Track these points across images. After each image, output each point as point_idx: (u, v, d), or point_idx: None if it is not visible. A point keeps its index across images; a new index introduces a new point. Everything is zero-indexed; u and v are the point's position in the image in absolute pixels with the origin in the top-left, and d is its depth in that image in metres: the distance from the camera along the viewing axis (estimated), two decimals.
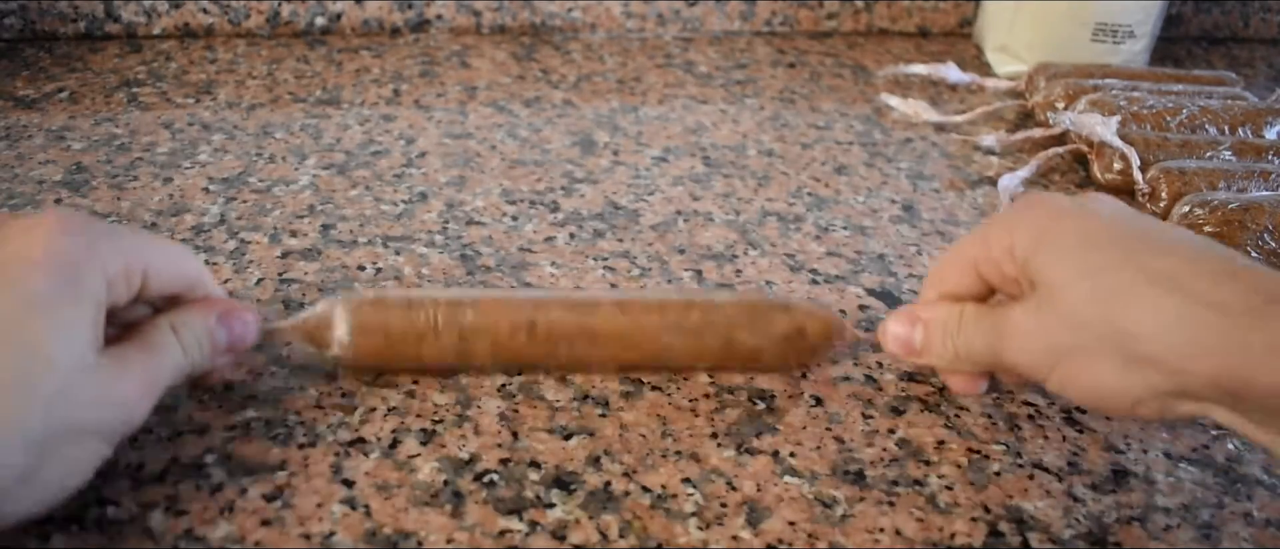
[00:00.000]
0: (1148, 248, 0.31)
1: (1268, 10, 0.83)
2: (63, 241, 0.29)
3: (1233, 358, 0.28)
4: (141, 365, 0.31)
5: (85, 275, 0.29)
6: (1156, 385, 0.30)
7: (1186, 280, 0.29)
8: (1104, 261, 0.31)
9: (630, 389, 0.38)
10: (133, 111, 0.60)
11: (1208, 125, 0.58)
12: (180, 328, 0.33)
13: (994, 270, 0.34)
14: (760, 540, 0.32)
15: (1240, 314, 0.28)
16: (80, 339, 0.28)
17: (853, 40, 0.79)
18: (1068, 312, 0.32)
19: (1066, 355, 0.32)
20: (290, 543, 0.31)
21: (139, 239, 0.32)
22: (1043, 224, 0.33)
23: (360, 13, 0.73)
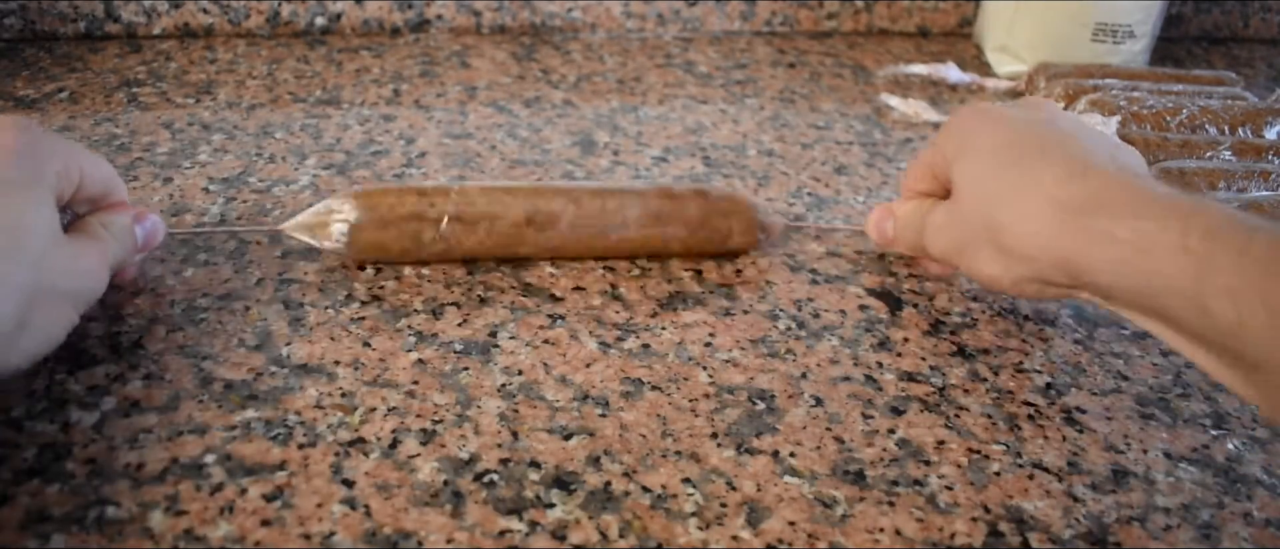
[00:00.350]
0: (1032, 155, 0.37)
1: (1268, 10, 0.83)
2: (24, 136, 0.34)
3: (1064, 248, 0.35)
4: (93, 246, 0.37)
5: (43, 164, 0.34)
6: (1021, 272, 0.37)
7: (1046, 182, 0.35)
8: (995, 168, 0.38)
9: (630, 389, 0.38)
10: (133, 111, 0.60)
11: (1208, 125, 0.58)
12: (108, 225, 0.38)
13: (941, 170, 0.41)
14: (760, 540, 0.32)
15: (1076, 211, 0.34)
16: (48, 214, 0.34)
17: (853, 40, 0.79)
18: (964, 211, 0.39)
19: (965, 247, 0.39)
20: (290, 543, 0.31)
21: (71, 144, 0.38)
22: (963, 133, 0.40)
23: (360, 13, 0.73)
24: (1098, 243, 0.33)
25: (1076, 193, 0.35)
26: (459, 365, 0.39)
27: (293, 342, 0.39)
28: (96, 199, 0.39)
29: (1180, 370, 0.42)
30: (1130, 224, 0.33)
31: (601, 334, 0.41)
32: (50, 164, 0.35)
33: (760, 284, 0.46)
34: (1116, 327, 0.44)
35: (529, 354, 0.40)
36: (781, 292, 0.45)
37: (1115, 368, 0.42)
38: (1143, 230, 0.32)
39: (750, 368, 0.40)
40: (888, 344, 0.42)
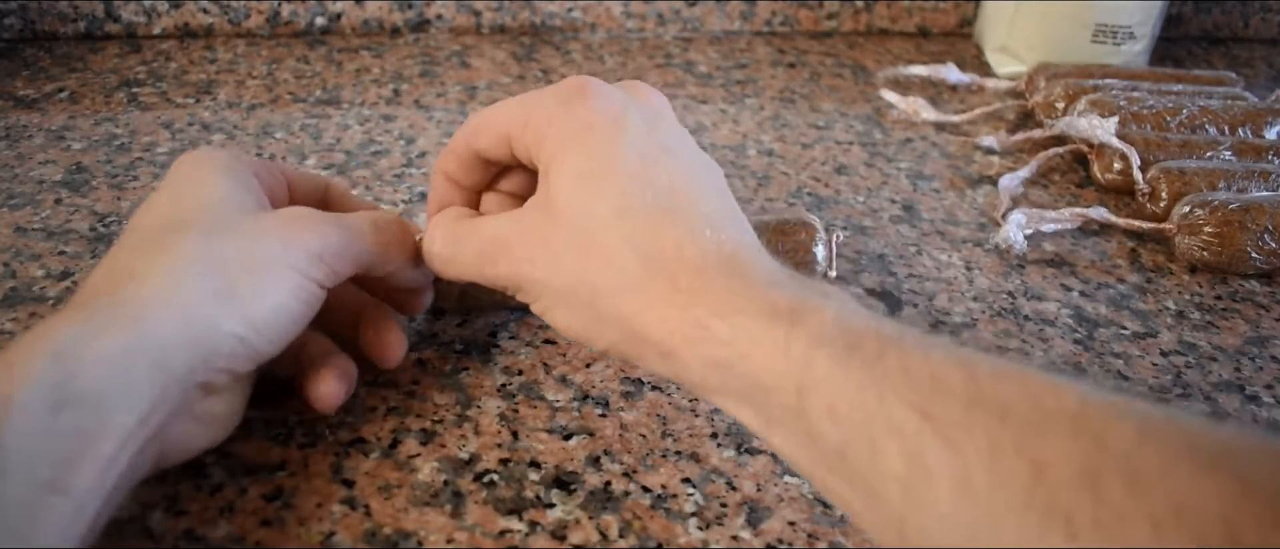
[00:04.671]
0: (640, 206, 0.31)
1: (1268, 10, 0.83)
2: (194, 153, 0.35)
3: (666, 337, 0.29)
4: (316, 215, 0.34)
5: (220, 160, 0.35)
6: (617, 341, 0.31)
7: (650, 249, 0.30)
8: (600, 212, 0.31)
9: (630, 389, 0.38)
10: (133, 111, 0.60)
11: (1208, 125, 0.58)
12: (354, 212, 0.36)
13: (523, 152, 0.34)
14: (760, 540, 0.32)
15: (686, 297, 0.29)
16: (228, 194, 0.33)
17: (853, 40, 0.79)
18: (555, 251, 0.32)
19: (547, 293, 0.32)
20: (290, 543, 0.31)
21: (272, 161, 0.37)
22: (568, 136, 0.32)
23: (360, 13, 0.73)
24: (699, 340, 0.29)
25: (689, 277, 0.29)
26: (459, 365, 0.39)
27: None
28: (329, 207, 0.38)
29: (1180, 371, 0.42)
30: (732, 322, 0.28)
31: None
32: (231, 163, 0.34)
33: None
34: (1117, 327, 0.44)
35: (529, 354, 0.40)
36: None
37: (1115, 368, 0.42)
38: (744, 329, 0.28)
39: None
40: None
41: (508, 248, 0.33)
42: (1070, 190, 0.57)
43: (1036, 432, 0.22)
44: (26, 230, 0.47)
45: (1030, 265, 0.49)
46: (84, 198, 0.50)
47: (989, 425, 0.23)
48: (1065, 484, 0.21)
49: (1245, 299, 0.48)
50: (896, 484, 0.24)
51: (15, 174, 0.52)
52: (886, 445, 0.24)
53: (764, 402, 0.28)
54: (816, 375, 0.26)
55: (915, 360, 0.25)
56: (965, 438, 0.23)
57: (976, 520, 0.22)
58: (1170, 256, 0.50)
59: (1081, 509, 0.21)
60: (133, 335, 0.27)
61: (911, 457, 0.24)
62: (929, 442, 0.23)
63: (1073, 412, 0.23)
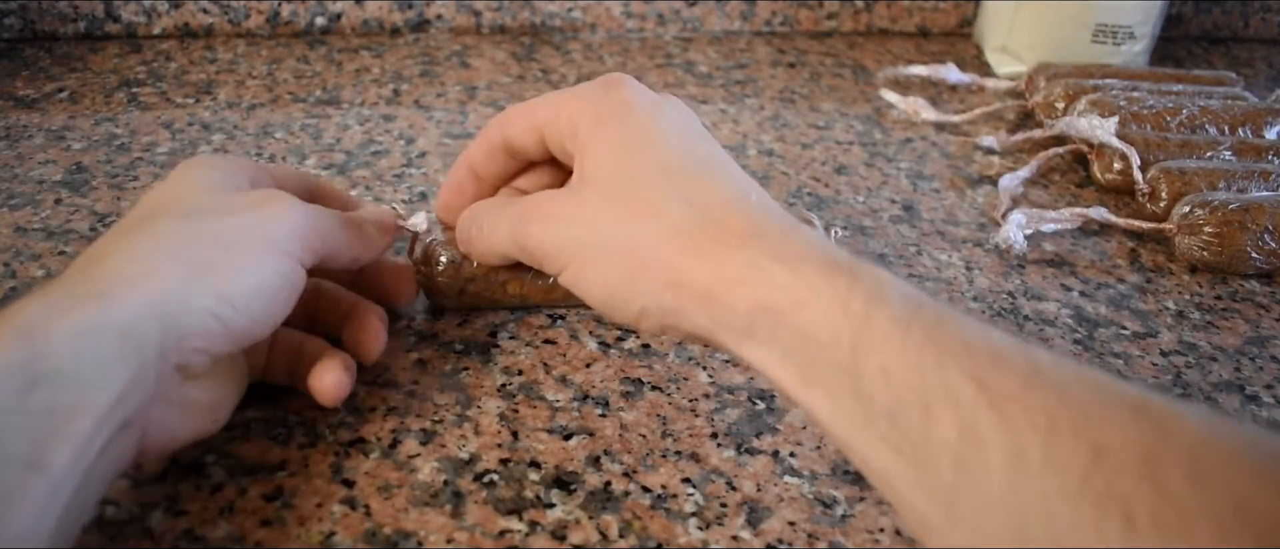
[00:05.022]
0: (696, 166, 0.32)
1: (1268, 10, 0.83)
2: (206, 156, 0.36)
3: (711, 278, 0.29)
4: (296, 200, 0.34)
5: (205, 158, 0.35)
6: (650, 296, 0.30)
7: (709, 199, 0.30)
8: (641, 170, 0.32)
9: (630, 389, 0.38)
10: (133, 111, 0.60)
11: (1208, 125, 0.58)
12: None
13: (557, 142, 0.35)
14: (760, 540, 0.32)
15: (739, 238, 0.29)
16: (208, 182, 0.33)
17: (853, 40, 0.79)
18: (593, 207, 0.32)
19: (582, 250, 0.32)
20: (290, 543, 0.31)
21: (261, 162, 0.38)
22: (604, 113, 0.33)
23: (360, 13, 0.73)
24: (752, 280, 0.28)
25: (741, 220, 0.30)
26: (459, 365, 0.39)
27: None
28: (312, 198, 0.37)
29: (1180, 371, 0.42)
30: (793, 269, 0.28)
31: (601, 334, 0.41)
32: (219, 161, 0.35)
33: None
34: (1117, 327, 0.44)
35: (529, 354, 0.40)
36: None
37: (1115, 368, 0.42)
38: (805, 277, 0.27)
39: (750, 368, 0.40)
40: None
41: (541, 211, 0.34)
42: (1070, 190, 0.57)
43: (1097, 414, 0.22)
44: (26, 230, 0.47)
45: (1030, 265, 0.49)
46: (84, 198, 0.50)
47: (1047, 403, 0.22)
48: (1125, 471, 0.20)
49: (1245, 299, 0.48)
50: (948, 455, 0.23)
51: (15, 174, 0.52)
52: (941, 413, 0.23)
53: (811, 357, 0.27)
54: (875, 334, 0.25)
55: (974, 334, 0.25)
56: (1022, 414, 0.22)
57: (1028, 503, 0.22)
58: (1170, 256, 0.50)
59: (1141, 502, 0.20)
60: (98, 311, 0.27)
61: (966, 427, 0.23)
62: (985, 413, 0.23)
63: (1135, 400, 0.22)
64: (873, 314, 0.26)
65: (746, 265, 0.28)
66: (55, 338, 0.26)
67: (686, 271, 0.29)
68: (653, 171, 0.31)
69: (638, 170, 0.32)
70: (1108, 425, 0.21)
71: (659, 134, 0.33)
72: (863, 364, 0.25)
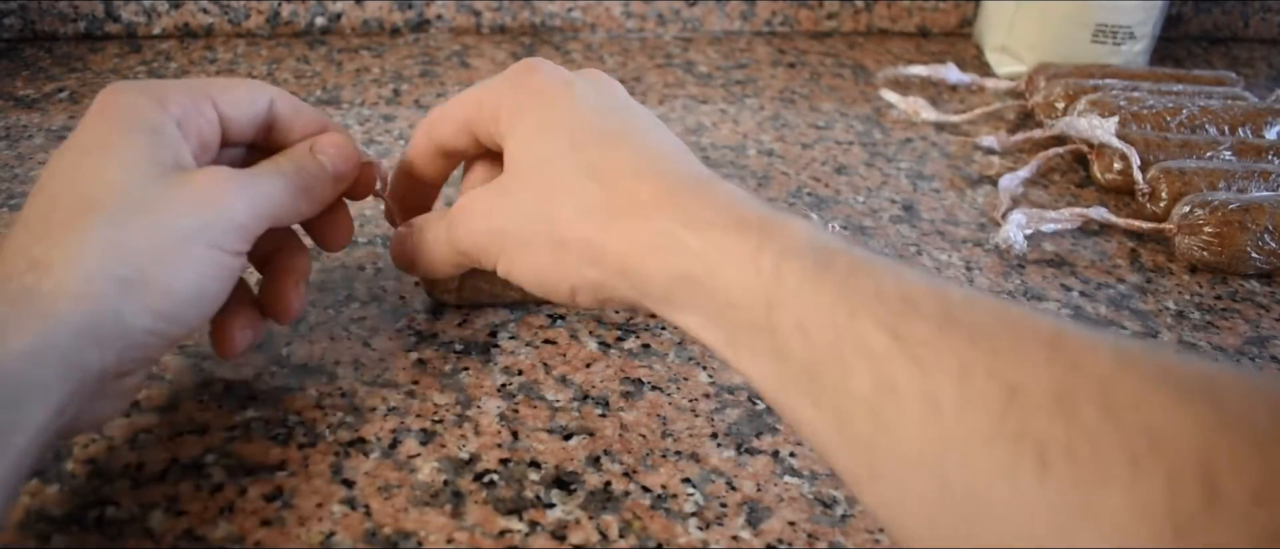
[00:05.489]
0: (610, 140, 0.32)
1: (1268, 10, 0.83)
2: (110, 97, 0.32)
3: (628, 251, 0.29)
4: (236, 179, 0.32)
5: (136, 111, 0.31)
6: (575, 273, 0.31)
7: (622, 172, 0.31)
8: (554, 152, 0.32)
9: (630, 389, 0.38)
10: None
11: (1208, 125, 0.58)
12: (280, 159, 0.34)
13: (485, 134, 0.35)
14: (760, 540, 0.32)
15: (650, 209, 0.29)
16: (140, 159, 0.30)
17: (853, 40, 0.79)
18: (512, 195, 0.33)
19: (507, 239, 0.33)
20: (290, 543, 0.31)
21: (203, 80, 0.35)
22: (519, 101, 0.34)
23: (360, 13, 0.73)
24: (665, 249, 0.28)
25: (650, 189, 0.30)
26: (459, 365, 0.39)
27: (293, 341, 0.39)
28: (270, 129, 0.35)
29: None
30: (702, 234, 0.28)
31: (601, 334, 0.41)
32: (149, 108, 0.32)
33: None
34: (1117, 327, 0.44)
35: (529, 354, 0.40)
36: None
37: None
38: (714, 241, 0.27)
39: None
40: None
41: (470, 209, 0.34)
42: (1070, 190, 0.57)
43: (1009, 355, 0.22)
44: None
45: (1030, 265, 0.49)
46: None
47: (959, 347, 0.22)
48: (1038, 409, 0.21)
49: (1245, 299, 0.48)
50: (864, 408, 0.23)
51: (15, 174, 0.52)
52: (856, 365, 0.23)
53: (731, 320, 0.27)
54: (786, 290, 0.25)
55: (888, 281, 0.25)
56: (934, 359, 0.22)
57: (945, 450, 0.22)
58: (1170, 257, 0.50)
59: (1054, 439, 0.20)
60: (40, 335, 0.27)
61: (880, 378, 0.23)
62: (898, 362, 0.23)
63: (1048, 338, 0.22)
64: (783, 269, 0.26)
65: (658, 235, 0.29)
66: (4, 357, 0.26)
67: (603, 247, 0.30)
68: (565, 150, 0.32)
69: (552, 152, 0.32)
70: (1021, 365, 0.21)
71: (571, 112, 0.33)
72: (779, 321, 0.25)
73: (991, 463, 0.21)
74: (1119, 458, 0.19)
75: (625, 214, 0.30)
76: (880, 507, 0.24)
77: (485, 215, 0.34)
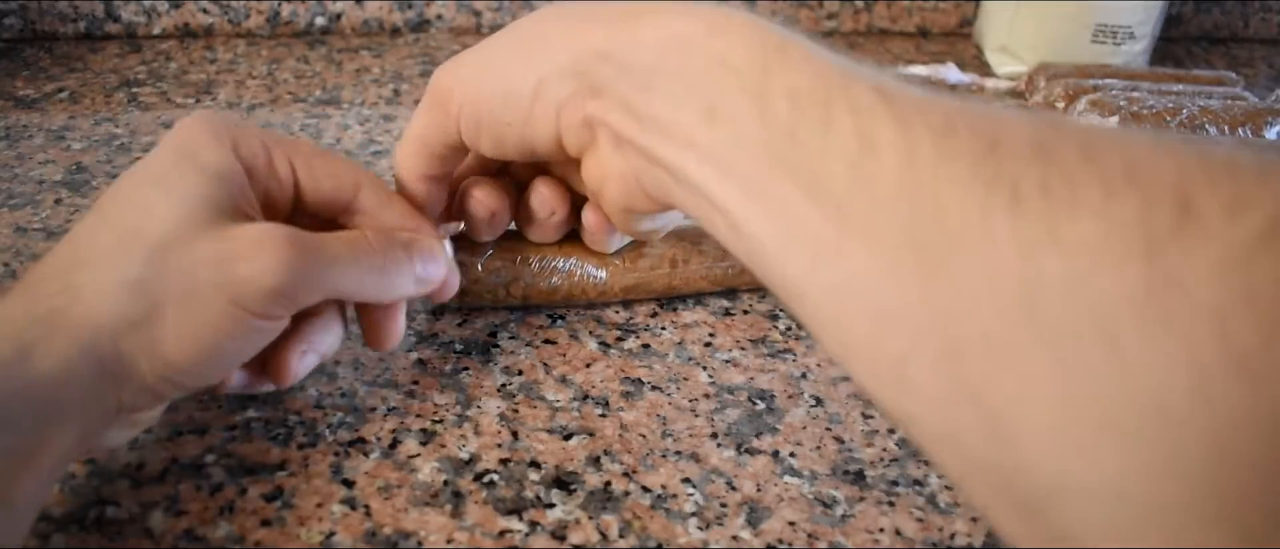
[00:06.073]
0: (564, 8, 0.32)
1: (1268, 10, 0.83)
2: (185, 130, 0.31)
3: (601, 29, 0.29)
4: (290, 242, 0.29)
5: (202, 153, 0.31)
6: (551, 57, 0.30)
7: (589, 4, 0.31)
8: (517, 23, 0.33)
9: (630, 389, 0.38)
10: (133, 111, 0.60)
11: (1208, 125, 0.58)
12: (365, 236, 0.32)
13: (441, 129, 0.35)
14: (760, 540, 0.32)
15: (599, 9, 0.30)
16: (194, 199, 0.29)
17: (853, 40, 0.79)
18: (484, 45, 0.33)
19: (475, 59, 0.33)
20: (290, 543, 0.31)
21: (294, 140, 0.34)
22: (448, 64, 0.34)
23: (360, 13, 0.73)
24: (661, 11, 0.28)
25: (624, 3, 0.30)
26: (459, 365, 0.39)
27: None
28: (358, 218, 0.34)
29: None
30: (705, 6, 0.28)
31: (601, 334, 0.41)
32: (219, 151, 0.31)
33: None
34: None
35: (529, 354, 0.40)
36: None
37: None
38: (721, 10, 0.28)
39: (750, 368, 0.40)
40: None
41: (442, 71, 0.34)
42: None
43: (996, 116, 0.22)
44: (26, 230, 0.47)
45: None
46: (84, 198, 0.50)
47: (946, 109, 0.23)
48: (1017, 155, 0.21)
49: None
50: (843, 162, 0.23)
51: (15, 174, 0.52)
52: (840, 121, 0.24)
53: (721, 85, 0.26)
54: (789, 59, 0.26)
55: (885, 75, 0.25)
56: (919, 118, 0.23)
57: (917, 195, 0.22)
58: None
59: (1030, 176, 0.20)
60: (67, 361, 0.27)
61: (863, 134, 0.23)
62: (882, 120, 0.23)
63: (1036, 115, 0.22)
64: (788, 45, 0.26)
65: (651, 8, 0.28)
66: (22, 385, 0.26)
67: (586, 31, 0.29)
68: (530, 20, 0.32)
69: (540, 11, 0.33)
70: (1006, 124, 0.22)
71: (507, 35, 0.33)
72: (771, 86, 0.25)
73: (964, 202, 0.21)
74: (1093, 188, 0.19)
75: (620, 5, 0.29)
76: (842, 273, 0.23)
77: (466, 55, 0.33)
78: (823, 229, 0.24)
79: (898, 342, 0.22)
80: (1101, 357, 0.18)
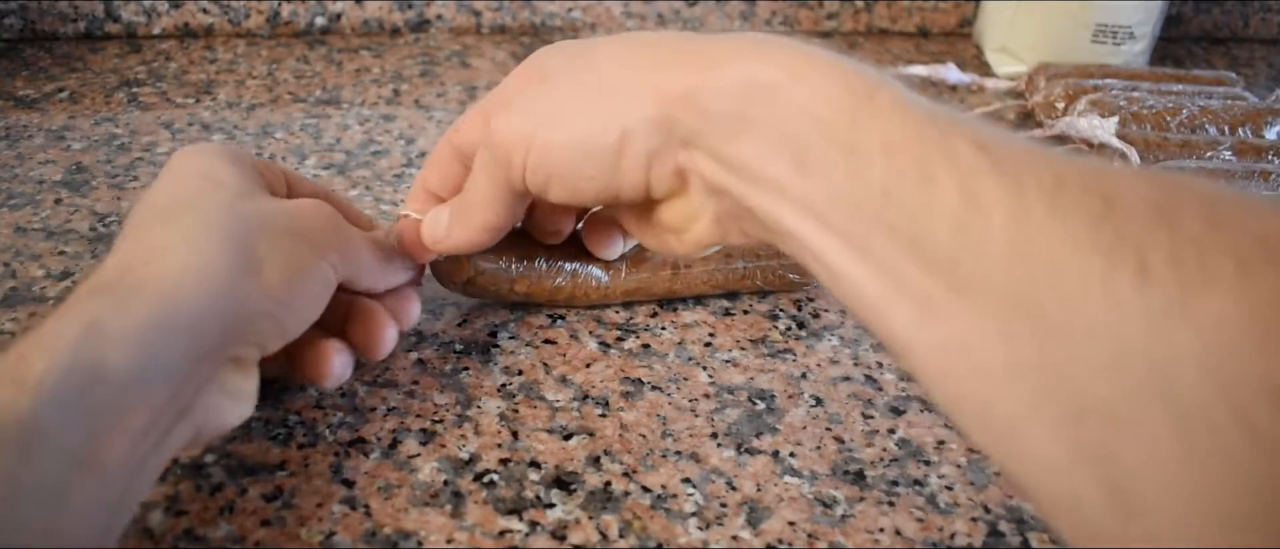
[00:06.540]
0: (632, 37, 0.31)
1: (1268, 10, 0.83)
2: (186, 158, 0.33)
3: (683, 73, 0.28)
4: (333, 210, 0.34)
5: (216, 150, 0.34)
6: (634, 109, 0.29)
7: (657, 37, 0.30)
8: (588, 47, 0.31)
9: (630, 389, 0.38)
10: (133, 111, 0.60)
11: (1208, 125, 0.58)
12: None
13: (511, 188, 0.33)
14: (760, 540, 0.32)
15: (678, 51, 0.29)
16: (235, 172, 0.32)
17: (853, 40, 0.79)
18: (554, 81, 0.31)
19: (546, 111, 0.31)
20: (290, 543, 0.31)
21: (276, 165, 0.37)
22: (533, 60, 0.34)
23: (360, 13, 0.73)
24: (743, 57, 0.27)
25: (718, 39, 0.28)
26: (459, 365, 0.39)
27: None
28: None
29: None
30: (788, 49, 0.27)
31: (601, 334, 0.41)
32: (242, 155, 0.34)
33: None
34: None
35: (529, 354, 0.40)
36: (781, 293, 0.45)
37: None
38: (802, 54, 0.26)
39: (750, 368, 0.40)
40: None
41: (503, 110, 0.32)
42: None
43: (1107, 174, 0.21)
44: (26, 230, 0.47)
45: None
46: (84, 198, 0.50)
47: (1053, 164, 0.21)
48: (1136, 218, 0.19)
49: None
50: (947, 221, 0.22)
51: (15, 174, 0.52)
52: (941, 178, 0.22)
53: (808, 137, 0.25)
54: (878, 109, 0.24)
55: (979, 123, 0.24)
56: (1026, 172, 0.21)
57: (1032, 260, 0.20)
58: None
59: (1156, 246, 0.19)
60: (164, 310, 0.27)
61: (967, 190, 0.22)
62: (987, 176, 0.22)
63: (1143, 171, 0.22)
64: (876, 94, 0.25)
65: (734, 47, 0.27)
66: (118, 338, 0.26)
67: (664, 81, 0.28)
68: (602, 44, 0.31)
69: (586, 47, 0.31)
70: (1118, 182, 0.20)
71: (593, 40, 0.32)
72: (863, 139, 0.24)
73: (1084, 270, 0.20)
74: (1226, 261, 0.18)
75: (694, 40, 0.28)
76: (949, 331, 0.23)
77: (523, 101, 0.31)
78: (928, 287, 0.23)
79: (1011, 403, 0.21)
80: (1238, 442, 0.18)
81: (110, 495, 0.26)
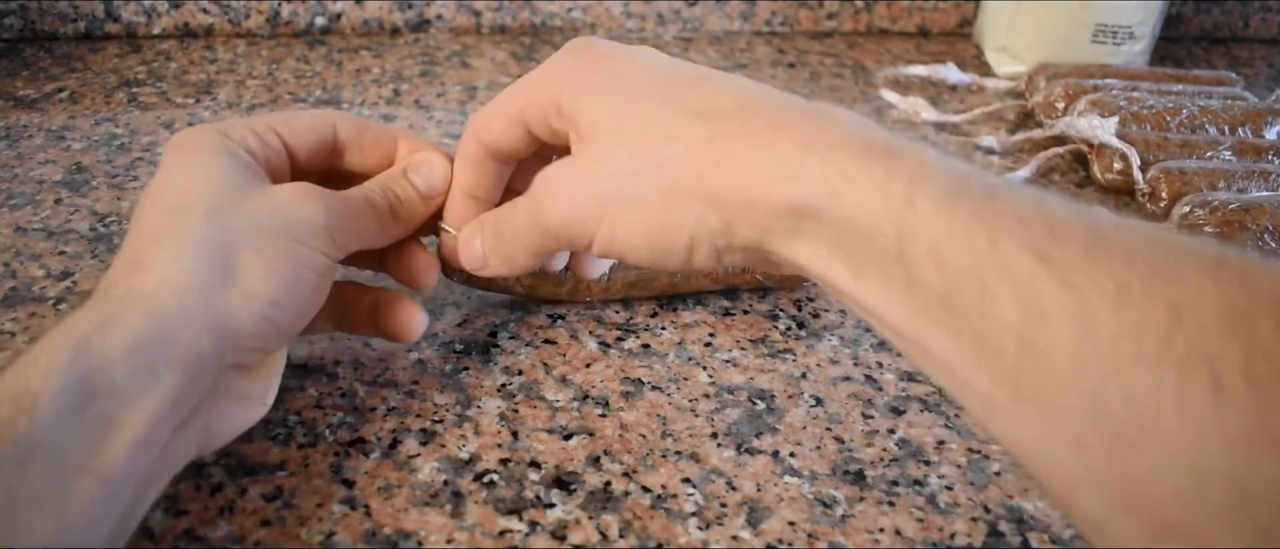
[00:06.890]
0: (684, 86, 0.30)
1: (1268, 10, 0.83)
2: (179, 137, 0.34)
3: (744, 182, 0.27)
4: (317, 192, 0.33)
5: (207, 141, 0.33)
6: (700, 217, 0.28)
7: (709, 109, 0.29)
8: (642, 101, 0.30)
9: (630, 389, 0.38)
10: (133, 111, 0.60)
11: (1208, 125, 0.58)
12: (370, 182, 0.36)
13: (541, 123, 0.33)
14: (760, 540, 0.32)
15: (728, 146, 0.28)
16: (223, 172, 0.32)
17: (853, 40, 0.79)
18: (605, 154, 0.30)
19: (609, 202, 0.30)
20: (290, 543, 0.31)
21: (265, 115, 0.37)
22: (582, 70, 0.32)
23: (360, 13, 0.73)
24: (787, 177, 0.26)
25: (761, 115, 0.28)
26: (459, 365, 0.39)
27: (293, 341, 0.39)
28: (333, 150, 0.37)
29: None
30: (825, 157, 0.26)
31: (601, 334, 0.41)
32: (218, 137, 0.33)
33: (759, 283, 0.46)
34: None
35: (529, 354, 0.40)
36: (781, 291, 0.45)
37: None
38: (838, 164, 0.26)
39: (750, 368, 0.40)
40: (888, 344, 0.42)
41: (554, 182, 0.31)
42: (1070, 190, 0.57)
43: (1171, 274, 0.20)
44: (26, 230, 0.47)
45: None
46: (84, 198, 0.50)
47: (1114, 268, 0.21)
48: (1208, 329, 0.19)
49: None
50: (1010, 334, 0.22)
51: (15, 174, 0.52)
52: (998, 290, 0.22)
53: (857, 249, 0.25)
54: (919, 215, 0.24)
55: (1028, 205, 0.23)
56: (1087, 281, 0.21)
57: (1102, 375, 0.20)
58: None
59: (1230, 360, 0.18)
60: (149, 326, 0.27)
61: (1026, 303, 0.21)
62: (1046, 286, 0.21)
63: (1210, 258, 0.20)
64: (916, 195, 0.24)
65: (778, 161, 0.27)
66: (111, 353, 0.26)
67: (721, 184, 0.28)
68: (653, 98, 0.30)
69: (636, 103, 0.30)
70: (1185, 284, 0.20)
71: (644, 68, 0.31)
72: (910, 249, 0.24)
73: (1157, 387, 0.19)
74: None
75: (740, 145, 0.27)
76: (1019, 434, 0.22)
77: (579, 181, 0.31)
78: (994, 392, 0.23)
79: (1093, 505, 0.21)
80: None
81: (115, 504, 0.26)
